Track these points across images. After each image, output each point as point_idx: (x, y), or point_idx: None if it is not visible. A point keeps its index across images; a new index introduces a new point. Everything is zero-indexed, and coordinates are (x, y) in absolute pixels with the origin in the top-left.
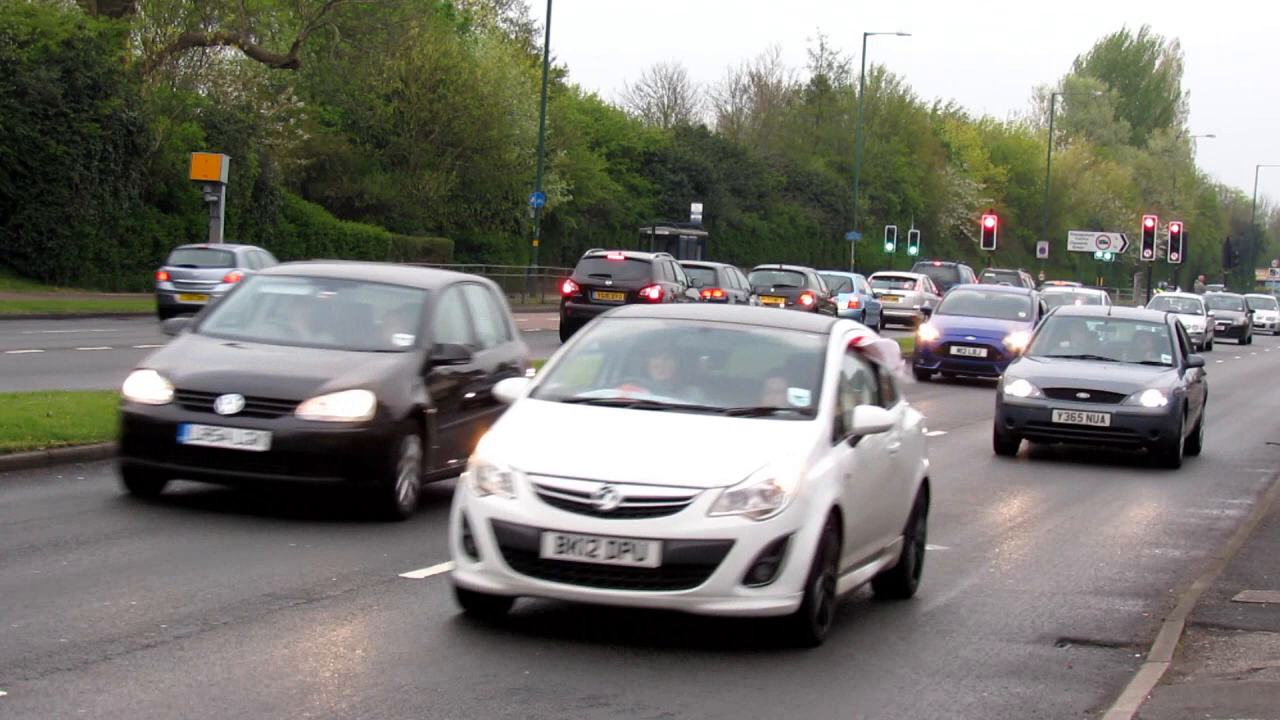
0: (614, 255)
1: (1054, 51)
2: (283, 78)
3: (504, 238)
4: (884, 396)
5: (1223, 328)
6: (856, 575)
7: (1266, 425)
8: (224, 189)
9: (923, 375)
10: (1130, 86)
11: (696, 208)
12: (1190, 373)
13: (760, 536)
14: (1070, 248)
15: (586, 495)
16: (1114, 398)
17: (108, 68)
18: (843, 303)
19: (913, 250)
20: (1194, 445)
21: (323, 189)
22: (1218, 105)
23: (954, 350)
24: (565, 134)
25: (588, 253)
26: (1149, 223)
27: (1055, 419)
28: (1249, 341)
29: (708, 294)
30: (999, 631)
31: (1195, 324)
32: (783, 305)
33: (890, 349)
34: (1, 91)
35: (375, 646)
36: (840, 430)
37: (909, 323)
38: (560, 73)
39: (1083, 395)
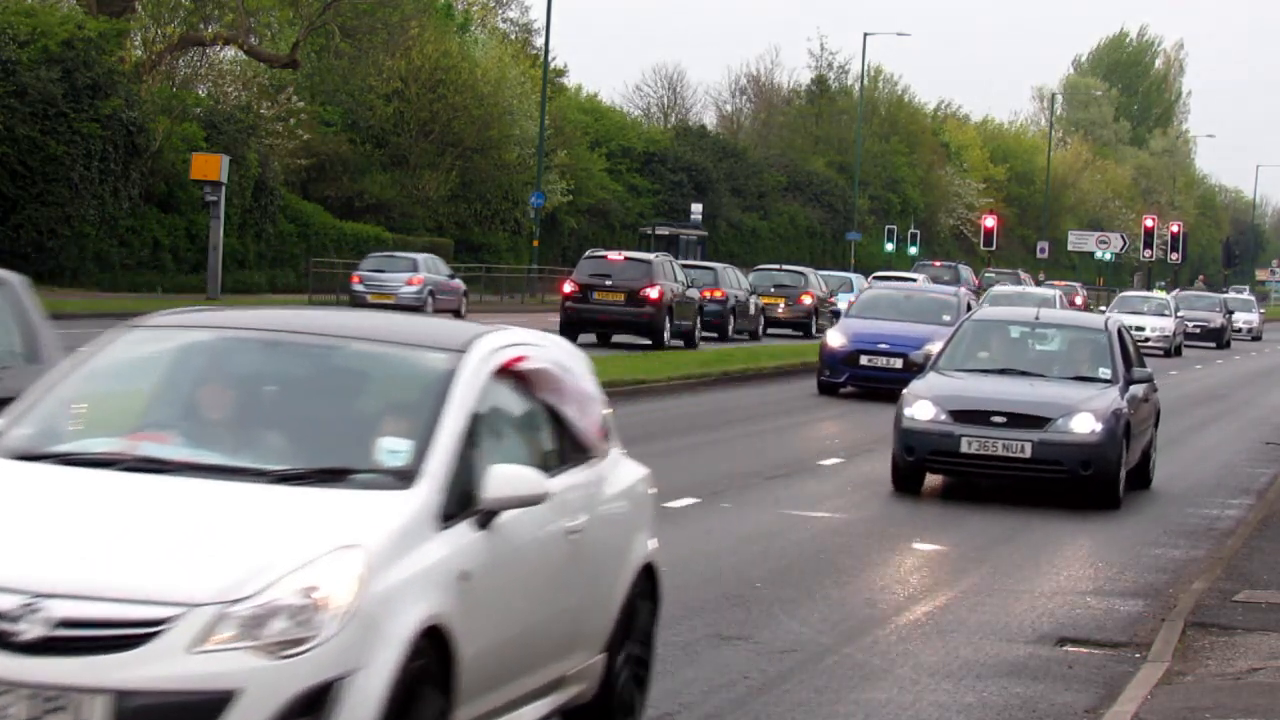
0: (614, 255)
1: (1054, 51)
2: (283, 78)
3: (504, 238)
4: (569, 447)
5: (1198, 330)
6: None
7: (1266, 425)
8: (224, 189)
9: (828, 389)
10: (1131, 87)
11: (696, 208)
12: (1136, 390)
13: (281, 686)
14: (1070, 248)
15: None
16: (1037, 422)
17: (108, 68)
18: (842, 303)
19: (913, 250)
20: (1143, 477)
21: (323, 189)
22: (1218, 105)
23: (864, 360)
24: (565, 134)
25: (588, 253)
26: (1149, 223)
27: (965, 448)
28: (1227, 345)
29: (708, 294)
30: (999, 631)
31: (1161, 327)
32: (782, 305)
33: (571, 378)
34: (1, 91)
35: None
36: (463, 503)
37: None
38: (560, 73)
39: (999, 419)
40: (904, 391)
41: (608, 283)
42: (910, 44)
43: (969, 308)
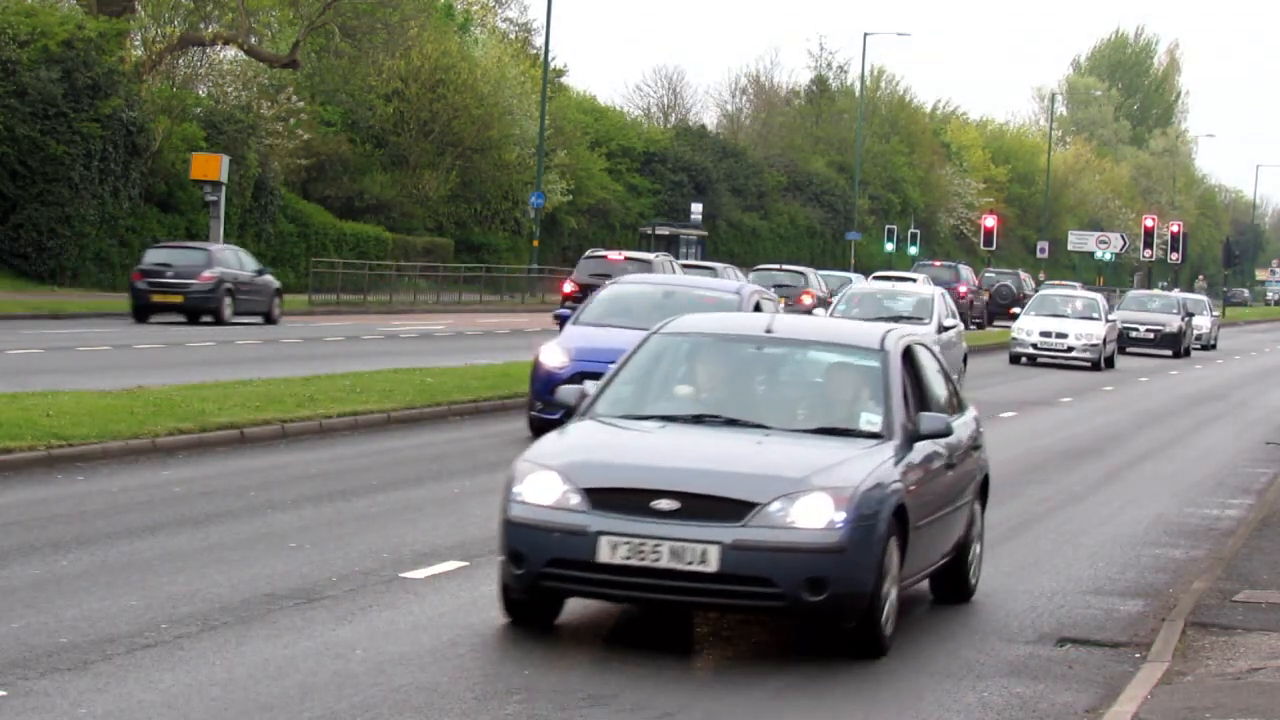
0: (614, 255)
1: (1054, 51)
2: (283, 78)
3: (504, 238)
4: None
5: (1151, 335)
6: None
7: (1266, 425)
8: (224, 189)
9: (540, 427)
10: (1131, 87)
11: (696, 208)
12: (928, 448)
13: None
14: (1070, 248)
15: None
16: (729, 510)
17: (108, 68)
18: None
19: (913, 250)
20: (956, 585)
21: (323, 189)
22: (1218, 105)
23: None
24: (565, 134)
25: (588, 253)
26: (1149, 223)
27: (604, 555)
28: (1186, 354)
29: None
30: (999, 631)
31: (1087, 334)
32: (783, 305)
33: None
34: (1, 91)
35: (375, 646)
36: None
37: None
38: (560, 73)
39: (665, 504)
40: (517, 461)
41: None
42: (910, 44)
43: (757, 309)
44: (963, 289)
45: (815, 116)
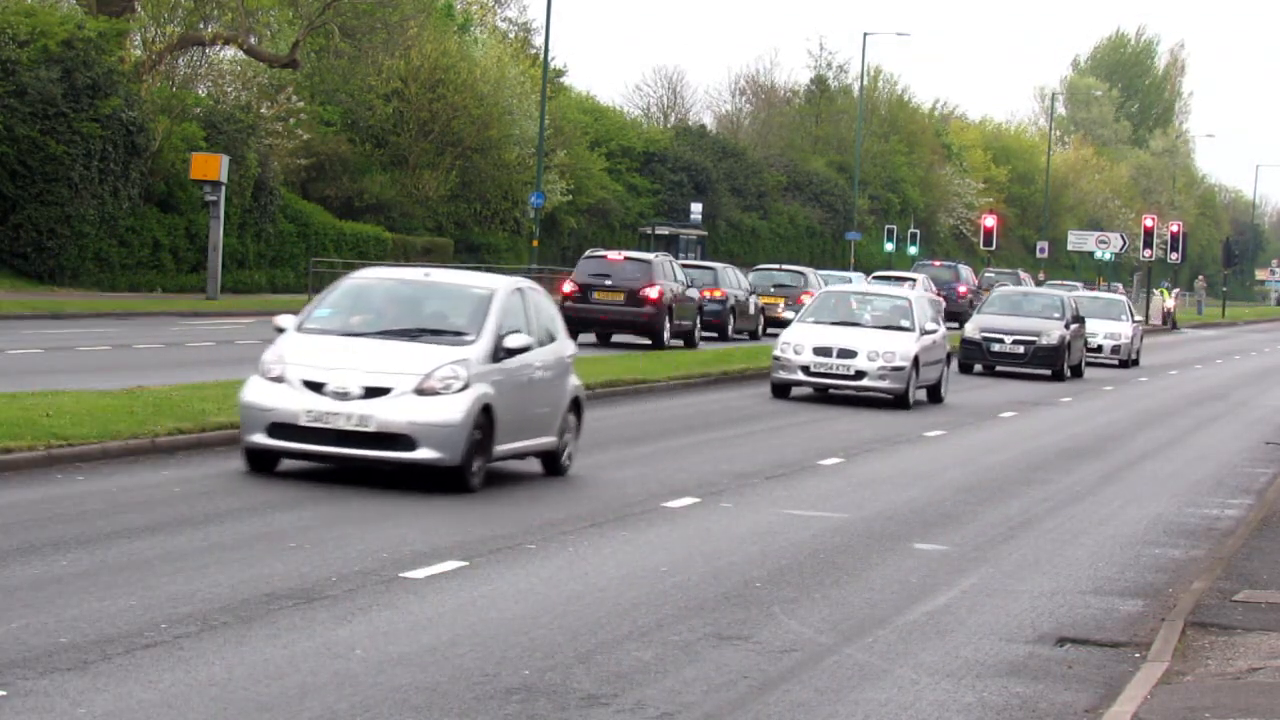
0: (614, 255)
1: (1054, 51)
2: (282, 78)
3: (504, 238)
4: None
5: (1020, 349)
6: None
7: (1266, 425)
8: (224, 189)
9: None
10: (1131, 87)
11: (696, 208)
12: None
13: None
14: (1070, 247)
15: None
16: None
17: (107, 68)
18: None
19: (912, 250)
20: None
21: (322, 189)
22: (1218, 105)
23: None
24: (565, 134)
25: (588, 253)
26: (1149, 222)
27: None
28: (1069, 376)
29: (708, 294)
30: (999, 631)
31: (889, 351)
32: (782, 305)
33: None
34: (1, 91)
35: (375, 646)
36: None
37: None
38: (560, 73)
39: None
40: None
41: (608, 282)
42: (910, 44)
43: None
44: (963, 289)
45: (815, 116)
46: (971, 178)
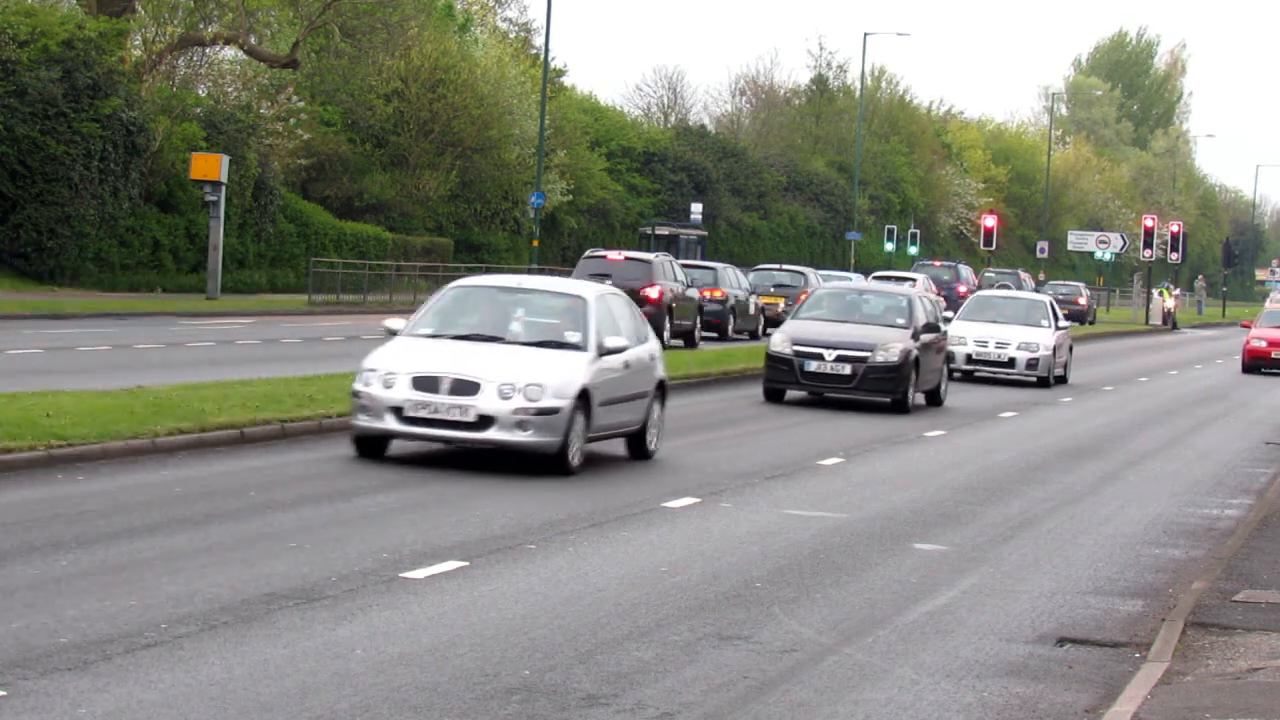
0: (614, 255)
1: (1055, 52)
2: (283, 78)
3: (504, 238)
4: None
5: (846, 369)
6: None
7: (1266, 425)
8: (224, 189)
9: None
10: (1132, 87)
11: (696, 208)
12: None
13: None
14: (1070, 247)
15: None
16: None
17: (108, 68)
18: None
19: (912, 250)
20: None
21: (322, 189)
22: (1218, 105)
23: None
24: (565, 134)
25: (588, 253)
26: (1149, 222)
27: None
28: (933, 403)
29: (708, 294)
30: (999, 631)
31: (508, 381)
32: (782, 305)
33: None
34: (1, 91)
35: (375, 646)
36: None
37: None
38: (560, 72)
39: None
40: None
41: (608, 283)
42: (910, 44)
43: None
44: (962, 289)
45: (815, 116)
46: (971, 178)
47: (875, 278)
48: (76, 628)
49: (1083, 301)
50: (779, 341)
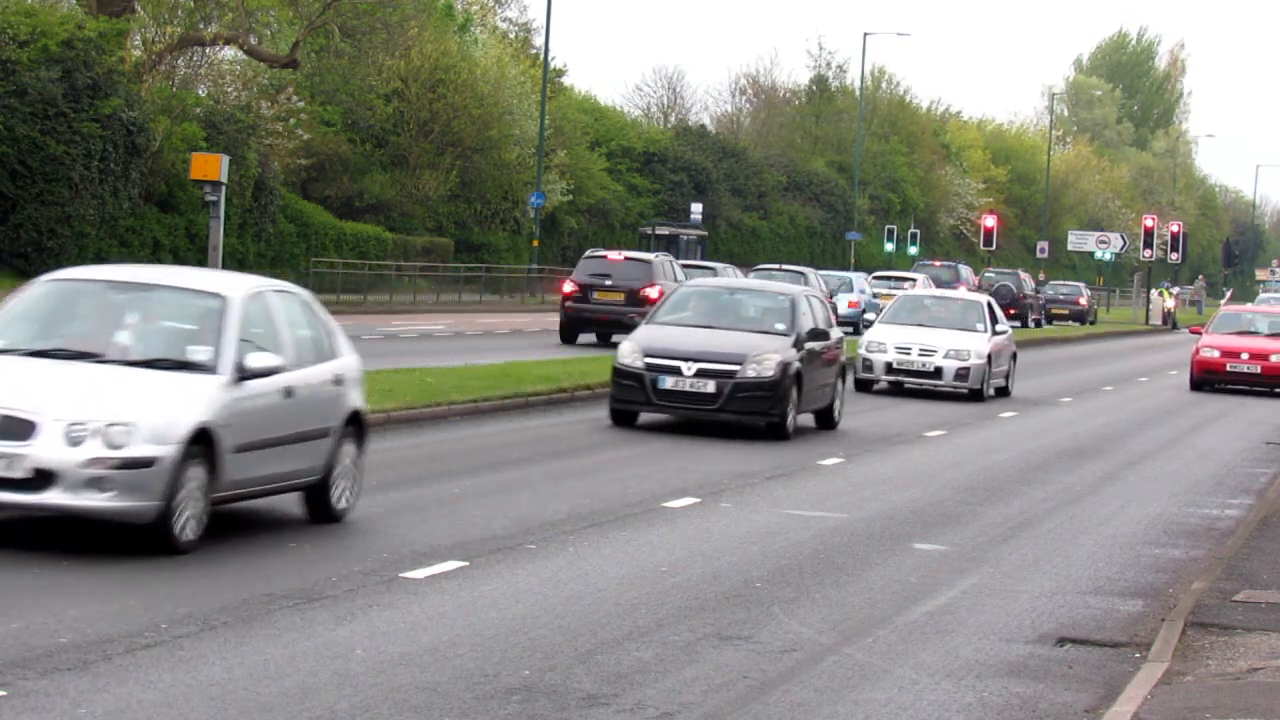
0: (614, 255)
1: (1055, 52)
2: (283, 78)
3: (504, 238)
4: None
5: (711, 388)
6: None
7: (1266, 425)
8: (224, 189)
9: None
10: (1132, 87)
11: (696, 208)
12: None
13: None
14: (1070, 247)
15: None
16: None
17: (108, 68)
18: (842, 302)
19: (913, 250)
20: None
21: (323, 189)
22: (1218, 105)
23: None
24: (565, 134)
25: (588, 253)
26: (1149, 222)
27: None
28: (824, 425)
29: None
30: (999, 631)
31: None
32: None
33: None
34: (1, 91)
35: (375, 646)
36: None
37: None
38: (560, 73)
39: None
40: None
41: (608, 283)
42: (910, 44)
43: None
44: (962, 289)
45: (815, 116)
46: (971, 178)
47: (876, 278)
48: (76, 628)
49: (1084, 301)
50: (627, 352)
